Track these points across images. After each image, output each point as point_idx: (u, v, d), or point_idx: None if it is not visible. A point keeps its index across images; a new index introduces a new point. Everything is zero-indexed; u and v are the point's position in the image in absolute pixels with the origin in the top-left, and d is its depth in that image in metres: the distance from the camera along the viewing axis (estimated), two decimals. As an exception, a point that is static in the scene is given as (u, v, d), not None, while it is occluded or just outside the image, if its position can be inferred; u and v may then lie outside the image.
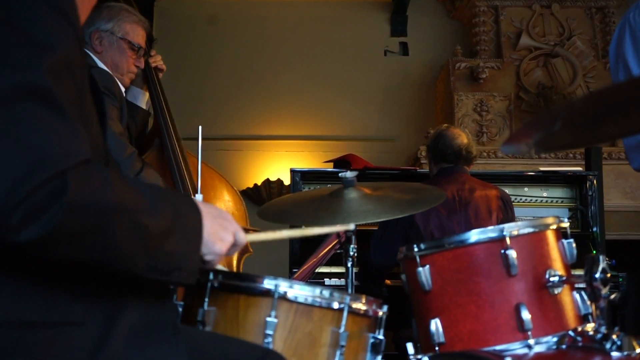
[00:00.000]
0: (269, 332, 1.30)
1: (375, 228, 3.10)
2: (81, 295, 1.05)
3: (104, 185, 0.98)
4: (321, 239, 2.34)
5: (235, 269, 2.78)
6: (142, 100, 2.75)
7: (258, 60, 6.08)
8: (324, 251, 2.25)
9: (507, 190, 3.32)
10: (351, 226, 1.66)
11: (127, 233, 0.99)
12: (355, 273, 3.08)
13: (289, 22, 6.17)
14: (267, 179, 5.90)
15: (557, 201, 3.56)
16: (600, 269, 1.33)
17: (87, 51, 2.46)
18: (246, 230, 1.58)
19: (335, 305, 1.35)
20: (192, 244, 1.11)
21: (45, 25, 0.99)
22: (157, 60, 2.79)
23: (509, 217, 2.90)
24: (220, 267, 1.48)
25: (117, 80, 2.47)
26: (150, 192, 1.06)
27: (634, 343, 1.32)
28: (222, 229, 1.18)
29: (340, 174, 1.76)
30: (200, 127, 1.41)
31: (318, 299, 1.35)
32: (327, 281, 3.20)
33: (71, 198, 0.92)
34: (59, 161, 0.92)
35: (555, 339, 1.46)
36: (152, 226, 1.03)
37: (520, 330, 1.45)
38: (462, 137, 3.02)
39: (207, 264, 1.18)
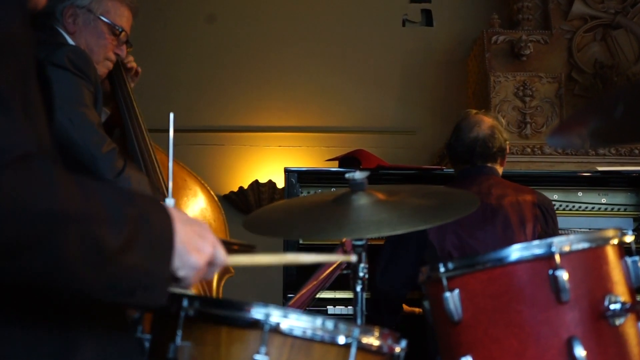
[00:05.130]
0: (258, 373, 1.30)
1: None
2: (21, 334, 1.05)
3: (47, 186, 0.98)
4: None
5: (214, 294, 2.78)
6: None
7: (244, 34, 6.08)
8: (327, 272, 2.25)
9: (556, 196, 3.32)
10: (352, 258, 1.66)
11: (77, 245, 0.99)
12: (367, 299, 3.10)
13: (282, -15, 6.19)
14: (256, 181, 5.91)
15: (619, 209, 3.56)
16: (673, 294, 1.33)
17: (58, 29, 2.48)
18: (228, 244, 1.59)
19: (341, 340, 1.35)
20: (161, 255, 1.11)
21: None
22: (129, 61, 2.78)
23: (549, 230, 2.84)
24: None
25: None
26: (107, 193, 1.07)
27: None
28: (198, 238, 1.19)
29: (347, 175, 1.76)
30: (171, 115, 1.41)
31: (319, 332, 1.34)
32: (330, 309, 3.20)
33: (2, 202, 0.93)
34: None
35: (616, 382, 1.46)
36: (109, 236, 1.03)
37: (573, 371, 1.45)
38: (482, 125, 2.93)
39: (180, 281, 1.18)
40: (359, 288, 1.74)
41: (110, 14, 2.55)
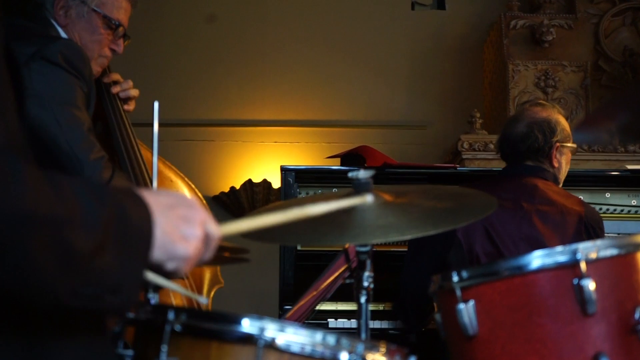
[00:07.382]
0: (252, 393, 1.30)
1: (399, 249, 3.10)
2: None
3: (13, 185, 0.98)
4: (323, 264, 2.34)
5: (204, 306, 2.78)
6: None
7: (237, 19, 6.08)
8: (328, 281, 2.25)
9: (582, 197, 3.30)
10: (369, 198, 1.63)
11: (46, 250, 1.00)
12: (391, 309, 3.08)
13: (279, -37, 6.19)
14: (249, 180, 5.91)
15: (651, 212, 3.55)
16: None
17: (51, 20, 2.47)
18: (218, 250, 1.58)
19: (344, 357, 1.35)
20: (133, 256, 1.11)
21: None
22: (126, 88, 2.72)
23: None
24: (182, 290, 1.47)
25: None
26: (81, 191, 1.07)
27: None
28: (183, 223, 1.18)
29: (350, 174, 1.76)
30: (156, 104, 1.41)
31: (319, 348, 1.34)
32: (331, 323, 3.20)
33: None
34: None
35: (648, 403, 1.46)
36: (82, 239, 1.03)
37: (601, 391, 1.45)
38: (522, 121, 2.89)
39: (171, 275, 1.18)
40: (363, 299, 1.74)
41: (107, 5, 2.53)
